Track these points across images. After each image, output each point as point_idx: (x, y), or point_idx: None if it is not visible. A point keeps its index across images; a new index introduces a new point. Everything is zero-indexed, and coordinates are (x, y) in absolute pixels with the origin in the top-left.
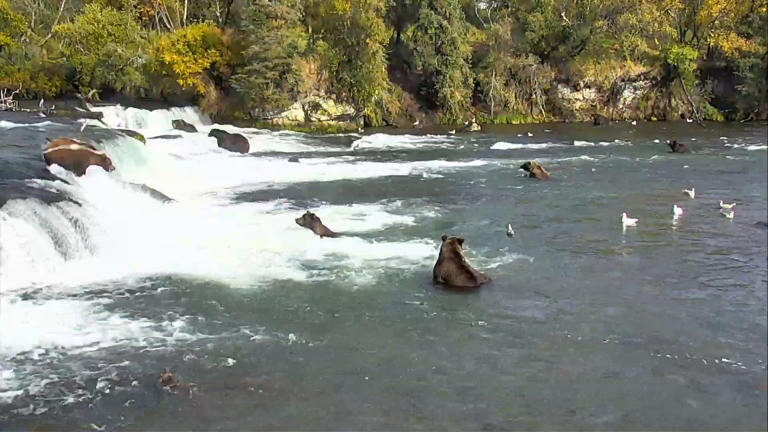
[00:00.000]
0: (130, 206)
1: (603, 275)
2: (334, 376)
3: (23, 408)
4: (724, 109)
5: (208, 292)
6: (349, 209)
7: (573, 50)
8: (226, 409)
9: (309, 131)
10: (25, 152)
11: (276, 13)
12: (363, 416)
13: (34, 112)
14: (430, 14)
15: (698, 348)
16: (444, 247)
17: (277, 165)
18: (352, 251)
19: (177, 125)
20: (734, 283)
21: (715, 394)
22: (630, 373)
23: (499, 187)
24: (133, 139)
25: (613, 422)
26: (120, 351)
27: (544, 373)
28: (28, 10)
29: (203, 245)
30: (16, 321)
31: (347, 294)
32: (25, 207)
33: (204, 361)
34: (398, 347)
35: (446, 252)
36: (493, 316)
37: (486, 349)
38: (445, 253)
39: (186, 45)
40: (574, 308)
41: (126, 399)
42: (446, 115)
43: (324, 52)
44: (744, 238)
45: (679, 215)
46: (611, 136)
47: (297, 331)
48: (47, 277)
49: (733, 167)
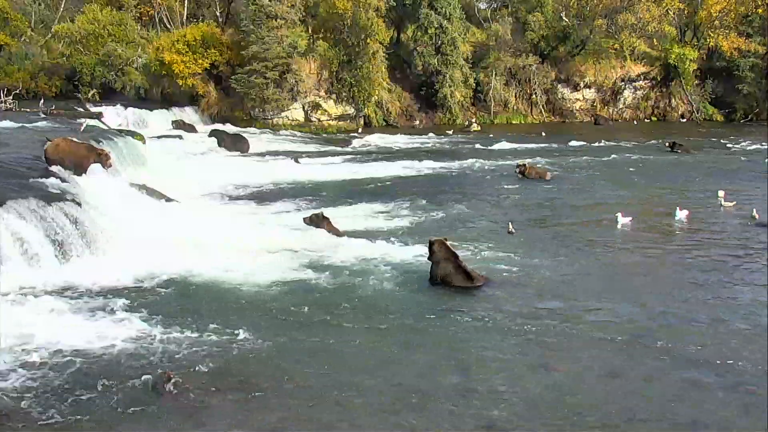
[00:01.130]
0: (130, 206)
1: (601, 275)
2: (334, 375)
3: (23, 408)
4: (724, 109)
5: (208, 292)
6: (349, 209)
7: (573, 50)
8: (226, 408)
9: (309, 131)
10: (25, 152)
11: (276, 13)
12: (363, 416)
13: (34, 112)
14: (430, 14)
15: (697, 347)
16: (436, 247)
17: (278, 165)
18: (352, 251)
19: (177, 125)
20: (734, 283)
21: (715, 394)
22: (630, 372)
23: (498, 187)
24: (133, 139)
25: (613, 422)
26: (120, 351)
27: (544, 372)
28: (28, 10)
29: (203, 245)
30: (15, 321)
31: (348, 294)
32: (26, 207)
33: (204, 361)
34: (398, 347)
35: (443, 253)
36: (492, 315)
37: (485, 348)
38: (441, 254)
39: (186, 45)
40: (573, 307)
41: (125, 399)
42: (446, 115)
43: (324, 52)
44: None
45: (686, 215)
46: (611, 136)
47: (297, 330)
48: (47, 277)
49: (733, 167)
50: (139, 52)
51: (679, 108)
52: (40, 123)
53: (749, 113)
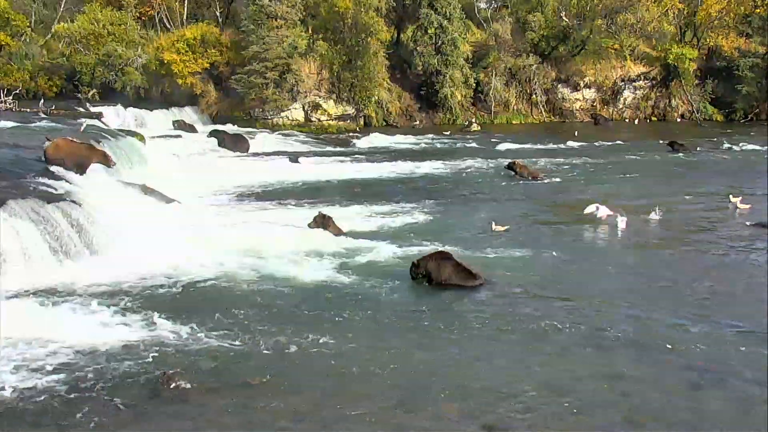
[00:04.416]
0: (130, 206)
1: (601, 274)
2: (334, 375)
3: (23, 408)
4: (724, 109)
5: (208, 292)
6: (349, 209)
7: (573, 50)
8: (226, 408)
9: (309, 131)
10: (25, 152)
11: (276, 13)
12: (363, 416)
13: (34, 112)
14: (430, 14)
15: (697, 347)
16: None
17: (278, 165)
18: (353, 251)
19: (177, 125)
20: (734, 282)
21: (716, 393)
22: (631, 371)
23: (498, 187)
24: (133, 139)
25: (614, 422)
26: (120, 351)
27: (544, 372)
28: (28, 10)
29: (203, 245)
30: (15, 321)
31: (348, 293)
32: (26, 207)
33: (204, 361)
34: (399, 347)
35: (440, 254)
36: (491, 315)
37: (485, 348)
38: (439, 255)
39: (186, 45)
40: (572, 307)
41: (126, 399)
42: (446, 115)
43: (324, 52)
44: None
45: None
46: (611, 136)
47: (298, 330)
48: (47, 277)
49: (733, 167)
50: (139, 52)
51: (679, 108)
52: (40, 123)
53: (749, 113)
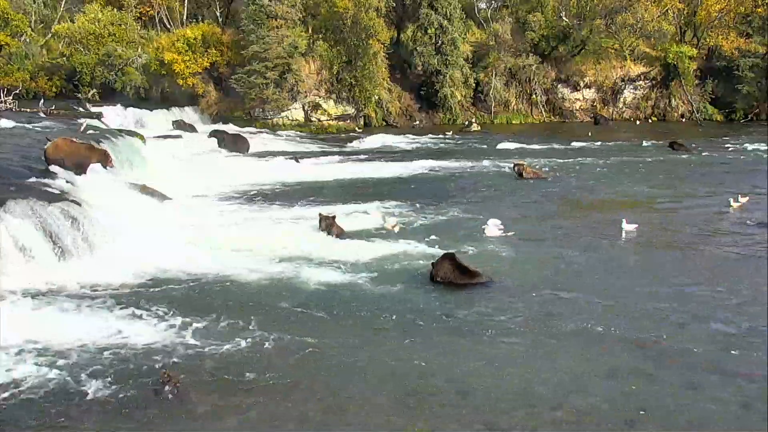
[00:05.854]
0: (130, 206)
1: (602, 274)
2: (334, 375)
3: (22, 407)
4: (724, 109)
5: (207, 292)
6: (349, 209)
7: (573, 50)
8: (226, 408)
9: (309, 131)
10: (25, 152)
11: (276, 13)
12: (364, 416)
13: (34, 112)
14: (430, 14)
15: (697, 347)
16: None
17: (278, 165)
18: (353, 250)
19: (177, 125)
20: (734, 282)
21: (715, 393)
22: (631, 371)
23: (498, 187)
24: (133, 139)
25: (613, 421)
26: (119, 350)
27: (544, 372)
28: (28, 10)
29: (203, 245)
30: (15, 320)
31: (348, 293)
32: (26, 207)
33: (203, 361)
34: (399, 346)
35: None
36: (492, 314)
37: (486, 347)
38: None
39: (186, 45)
40: (573, 307)
41: (125, 399)
42: (446, 115)
43: (324, 52)
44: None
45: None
46: (611, 136)
47: (298, 330)
48: (47, 277)
49: (732, 167)
50: (139, 52)
51: (679, 108)
52: (40, 123)
53: (749, 113)
